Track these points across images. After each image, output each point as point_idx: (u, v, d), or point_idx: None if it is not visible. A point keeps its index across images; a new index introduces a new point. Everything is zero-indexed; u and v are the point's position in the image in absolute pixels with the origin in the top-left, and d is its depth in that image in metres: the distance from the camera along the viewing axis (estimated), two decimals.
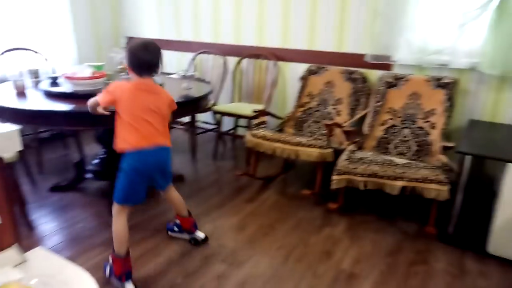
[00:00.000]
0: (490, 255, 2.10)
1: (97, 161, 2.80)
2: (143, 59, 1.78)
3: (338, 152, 2.62)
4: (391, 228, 2.42)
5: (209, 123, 3.91)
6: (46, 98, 2.34)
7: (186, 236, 2.23)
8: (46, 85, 2.52)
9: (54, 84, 2.56)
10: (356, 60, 3.11)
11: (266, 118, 3.02)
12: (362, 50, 3.08)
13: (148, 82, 1.85)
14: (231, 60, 3.72)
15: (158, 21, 4.17)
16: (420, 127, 2.68)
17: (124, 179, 1.85)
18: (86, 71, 2.53)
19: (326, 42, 3.24)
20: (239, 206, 2.66)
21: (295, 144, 2.63)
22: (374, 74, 3.08)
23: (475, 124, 2.60)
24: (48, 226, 2.37)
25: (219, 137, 3.57)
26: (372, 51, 3.01)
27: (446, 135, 2.58)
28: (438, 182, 2.16)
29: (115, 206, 1.87)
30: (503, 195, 1.99)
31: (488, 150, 2.16)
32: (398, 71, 2.94)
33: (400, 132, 2.73)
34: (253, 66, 3.60)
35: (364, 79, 3.01)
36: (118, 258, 1.82)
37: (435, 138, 2.58)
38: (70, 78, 2.43)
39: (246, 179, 3.03)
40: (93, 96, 2.20)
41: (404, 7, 2.79)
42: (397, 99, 2.80)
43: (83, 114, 2.02)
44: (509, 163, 1.95)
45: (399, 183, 2.24)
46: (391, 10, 2.86)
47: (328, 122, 2.70)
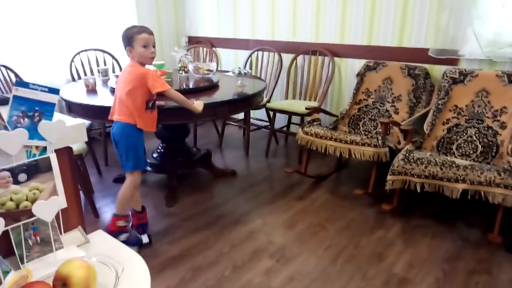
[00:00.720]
0: None
1: (156, 155, 2.96)
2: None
3: (395, 152, 2.51)
4: (451, 233, 2.27)
5: (262, 120, 3.95)
6: (113, 95, 2.52)
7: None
8: (113, 82, 2.72)
9: None
10: (418, 55, 2.94)
11: (319, 116, 2.97)
12: (425, 44, 2.91)
13: (131, 60, 2.01)
14: (287, 57, 3.71)
15: (217, 20, 4.29)
16: (488, 127, 2.47)
17: None
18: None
19: (385, 37, 3.11)
20: (290, 203, 2.65)
21: (348, 142, 2.56)
22: (438, 70, 2.89)
23: None
24: (111, 214, 2.56)
25: (272, 134, 3.59)
26: (436, 45, 2.83)
27: None
28: (506, 187, 1.98)
29: None
30: None
31: None
32: (465, 66, 2.73)
33: (464, 131, 2.54)
34: (308, 63, 3.56)
35: (426, 75, 2.84)
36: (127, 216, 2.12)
37: (505, 139, 2.36)
38: None
39: (298, 177, 3.02)
40: None
41: None
42: (462, 96, 2.60)
43: None
44: None
45: (460, 186, 2.09)
46: (459, 1, 2.66)
47: (384, 120, 2.59)
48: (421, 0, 2.86)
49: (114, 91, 2.08)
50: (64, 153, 0.94)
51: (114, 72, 3.55)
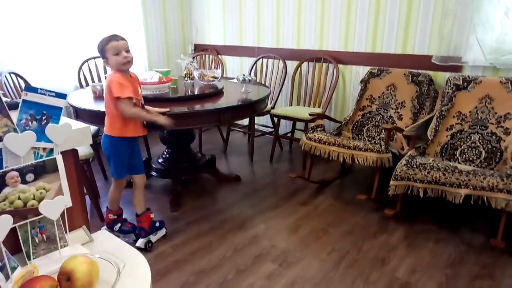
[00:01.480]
0: None
1: (161, 160, 3.01)
2: None
3: (398, 157, 2.52)
4: (454, 238, 2.26)
5: (267, 126, 3.98)
6: None
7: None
8: None
9: None
10: (422, 61, 2.97)
11: (322, 122, 3.00)
12: (429, 51, 2.94)
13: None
14: (291, 64, 3.75)
15: (223, 29, 4.35)
16: (491, 133, 2.48)
17: None
18: (154, 77, 2.73)
19: (389, 44, 3.14)
20: (293, 208, 2.67)
21: (352, 147, 2.58)
22: (441, 76, 2.91)
23: None
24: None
25: (277, 140, 3.61)
26: (440, 52, 2.85)
27: None
28: (508, 192, 1.98)
29: None
30: None
31: None
32: (468, 73, 2.75)
33: (468, 137, 2.55)
34: (312, 70, 3.60)
35: (430, 82, 2.86)
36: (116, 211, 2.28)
37: (509, 145, 2.36)
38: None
39: (302, 182, 3.04)
40: (160, 99, 2.38)
41: (476, 4, 2.61)
42: (466, 103, 2.61)
43: None
44: None
45: (463, 191, 2.09)
46: (462, 8, 2.69)
47: (387, 126, 2.61)
48: (424, 7, 2.89)
49: None
50: (69, 155, 0.98)
51: None
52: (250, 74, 3.80)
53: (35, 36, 3.40)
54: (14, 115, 0.88)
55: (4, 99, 0.85)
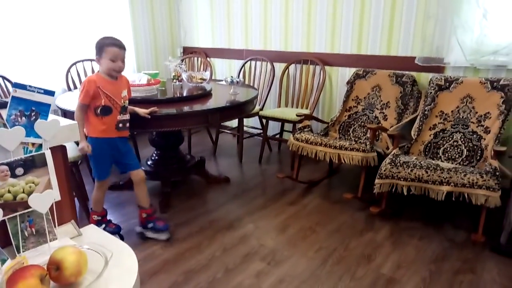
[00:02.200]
0: None
1: (150, 162, 3.02)
2: None
3: (383, 157, 2.58)
4: (437, 235, 2.32)
5: (256, 128, 4.02)
6: None
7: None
8: None
9: None
10: (405, 63, 3.04)
11: (310, 122, 3.05)
12: (412, 52, 3.02)
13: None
14: (279, 66, 3.80)
15: (211, 31, 4.39)
16: (472, 132, 2.55)
17: None
18: (142, 79, 2.75)
19: (374, 46, 3.21)
20: (282, 208, 2.70)
21: (338, 147, 2.63)
22: (424, 77, 2.99)
23: None
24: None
25: (265, 141, 3.65)
26: (423, 54, 2.93)
27: (502, 140, 2.43)
28: (488, 188, 2.05)
29: None
30: None
31: None
32: (450, 74, 2.83)
33: (450, 136, 2.62)
34: (299, 72, 3.66)
35: (413, 83, 2.93)
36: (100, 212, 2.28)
37: (489, 143, 2.44)
38: None
39: (290, 183, 3.08)
40: (148, 101, 2.40)
41: (457, 7, 2.70)
42: (448, 103, 2.69)
43: (138, 118, 2.23)
44: None
45: (445, 188, 2.16)
46: (443, 10, 2.77)
47: (372, 125, 2.67)
48: (407, 10, 2.97)
49: None
50: (58, 151, 1.00)
51: None
52: (238, 76, 3.85)
53: (22, 39, 3.39)
54: (4, 112, 0.90)
55: None
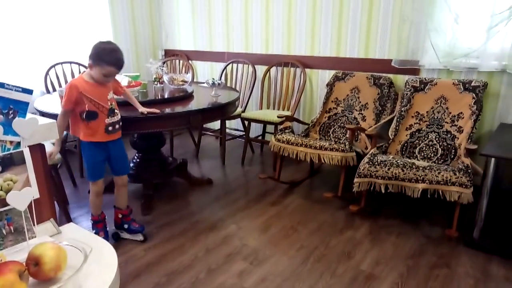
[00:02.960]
0: None
1: (132, 164, 3.00)
2: None
3: (362, 156, 2.64)
4: (414, 231, 2.39)
5: (238, 130, 4.04)
6: None
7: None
8: None
9: None
10: (382, 65, 3.12)
11: (291, 124, 3.09)
12: (389, 55, 3.10)
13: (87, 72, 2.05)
14: (261, 68, 3.85)
15: (193, 34, 4.40)
16: (447, 131, 2.64)
17: None
18: (123, 81, 2.74)
19: (352, 49, 3.29)
20: (264, 208, 2.73)
21: (318, 148, 2.67)
22: (401, 79, 3.08)
23: (506, 128, 2.53)
24: (87, 224, 2.57)
25: (248, 143, 3.68)
26: (399, 56, 3.02)
27: (474, 139, 2.52)
28: (460, 185, 2.12)
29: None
30: None
31: None
32: (425, 76, 2.92)
33: (426, 136, 2.70)
34: (281, 74, 3.71)
35: (390, 84, 3.01)
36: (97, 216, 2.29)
37: (462, 142, 2.53)
38: None
39: (272, 184, 3.11)
40: (129, 103, 2.40)
41: (430, 11, 2.79)
42: (423, 104, 2.78)
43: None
44: None
45: (420, 186, 2.23)
46: (418, 14, 2.86)
47: (350, 126, 2.73)
48: (384, 14, 3.05)
49: None
50: (37, 149, 1.00)
51: None
52: (220, 78, 3.87)
53: (0, 41, 3.34)
54: None
55: None
